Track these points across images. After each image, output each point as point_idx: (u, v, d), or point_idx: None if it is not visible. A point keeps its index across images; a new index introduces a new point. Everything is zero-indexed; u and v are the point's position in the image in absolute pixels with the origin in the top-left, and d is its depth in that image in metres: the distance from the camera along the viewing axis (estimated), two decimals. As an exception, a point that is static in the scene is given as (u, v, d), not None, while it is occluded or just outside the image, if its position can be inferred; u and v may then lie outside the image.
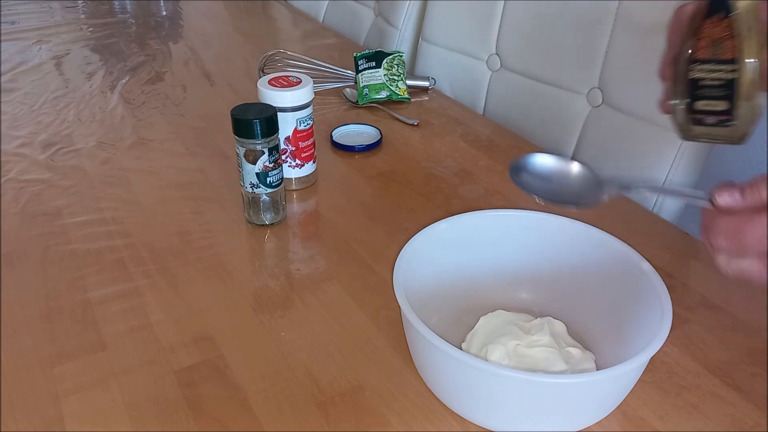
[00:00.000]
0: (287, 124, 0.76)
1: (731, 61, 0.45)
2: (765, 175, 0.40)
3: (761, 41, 0.44)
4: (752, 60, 0.44)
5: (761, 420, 0.50)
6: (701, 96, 0.47)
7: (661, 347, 0.45)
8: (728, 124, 0.47)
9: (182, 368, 0.54)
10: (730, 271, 0.42)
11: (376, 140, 0.90)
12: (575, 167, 0.49)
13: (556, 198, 0.48)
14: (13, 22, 1.42)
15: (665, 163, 0.87)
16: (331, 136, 0.91)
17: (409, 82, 1.06)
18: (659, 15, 0.86)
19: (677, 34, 0.48)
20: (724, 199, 0.41)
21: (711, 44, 0.46)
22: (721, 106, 0.47)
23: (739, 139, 0.47)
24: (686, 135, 0.49)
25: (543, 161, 0.49)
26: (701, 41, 0.46)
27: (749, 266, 0.40)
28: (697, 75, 0.47)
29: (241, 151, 0.69)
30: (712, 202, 0.41)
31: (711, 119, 0.48)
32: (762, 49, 0.44)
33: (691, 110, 0.48)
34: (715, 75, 0.46)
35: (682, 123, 0.49)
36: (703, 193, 0.42)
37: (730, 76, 0.46)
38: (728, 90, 0.46)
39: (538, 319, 0.55)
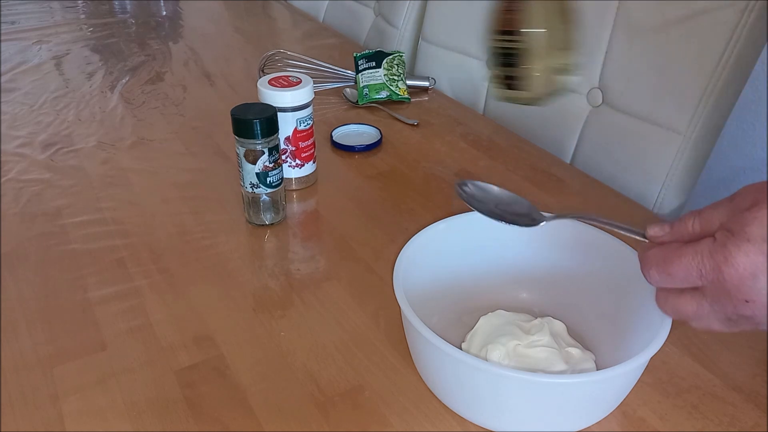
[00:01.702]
0: (287, 124, 0.76)
1: (519, 32, 0.51)
2: (693, 212, 0.41)
3: (549, 13, 0.46)
4: (538, 30, 0.49)
5: (761, 420, 0.50)
6: (502, 63, 0.53)
7: (661, 347, 0.45)
8: (524, 88, 0.53)
9: (182, 368, 0.54)
10: (668, 310, 0.43)
11: (376, 140, 0.90)
12: (515, 197, 0.52)
13: (497, 215, 0.50)
14: (13, 22, 1.42)
15: (665, 163, 0.87)
16: (331, 136, 0.91)
17: (409, 82, 1.06)
18: (659, 15, 0.86)
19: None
20: (654, 230, 0.43)
21: (507, 16, 0.51)
22: (515, 72, 0.53)
23: (537, 101, 0.52)
24: (497, 98, 0.52)
25: (487, 186, 0.52)
26: (502, 14, 0.51)
27: (684, 304, 0.41)
28: (497, 45, 0.53)
29: (241, 151, 0.69)
30: (644, 235, 0.44)
31: (510, 83, 0.54)
32: (552, 19, 0.48)
33: (496, 76, 0.54)
34: (509, 45, 0.52)
35: (492, 88, 0.52)
36: (638, 229, 0.45)
37: (521, 45, 0.52)
38: (521, 58, 0.52)
39: (538, 319, 0.55)
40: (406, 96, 1.04)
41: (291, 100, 0.75)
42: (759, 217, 0.37)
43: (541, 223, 0.50)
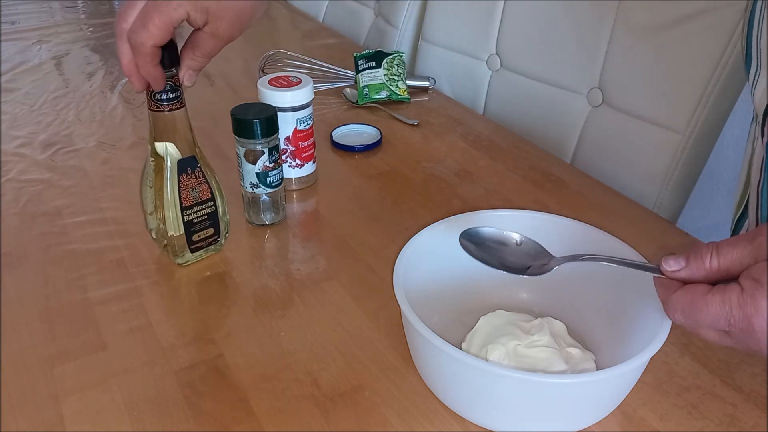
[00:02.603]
0: (287, 124, 0.76)
1: (210, 199, 0.64)
2: (710, 245, 0.42)
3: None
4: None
5: (761, 420, 0.50)
6: (195, 231, 0.64)
7: (661, 347, 0.45)
8: (218, 240, 0.67)
9: (182, 368, 0.54)
10: (688, 329, 0.43)
11: (376, 140, 0.90)
12: (523, 239, 0.51)
13: (506, 266, 0.50)
14: (13, 22, 1.42)
15: (665, 163, 0.87)
16: (331, 136, 0.91)
17: (409, 82, 1.06)
18: (659, 15, 0.86)
19: None
20: (670, 265, 0.43)
21: (191, 192, 0.62)
22: (210, 231, 0.65)
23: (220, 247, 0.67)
24: (180, 262, 0.65)
25: (490, 233, 0.51)
26: (184, 192, 0.62)
27: (705, 333, 0.42)
28: (189, 218, 0.63)
29: (241, 151, 0.69)
30: (660, 269, 0.44)
31: (205, 243, 0.66)
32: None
33: (189, 242, 0.64)
34: (201, 213, 0.64)
35: (178, 251, 0.64)
36: (653, 264, 0.45)
37: (210, 210, 0.64)
38: (212, 219, 0.65)
39: (538, 319, 0.55)
40: (406, 96, 1.04)
41: (291, 100, 0.75)
42: None
43: (554, 269, 0.49)
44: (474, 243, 0.51)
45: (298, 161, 0.78)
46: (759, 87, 0.57)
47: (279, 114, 0.71)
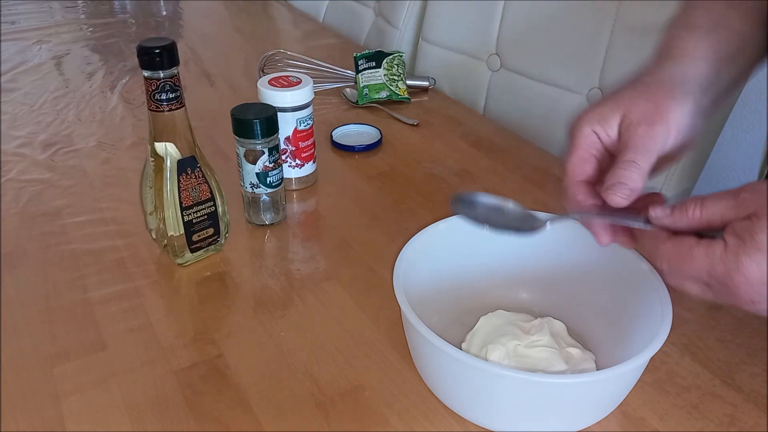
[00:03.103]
0: (287, 124, 0.76)
1: (210, 199, 0.64)
2: (696, 198, 0.42)
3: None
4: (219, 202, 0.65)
5: (761, 420, 0.50)
6: (195, 231, 0.64)
7: (661, 347, 0.45)
8: (217, 240, 0.67)
9: (182, 368, 0.54)
10: (672, 284, 0.44)
11: (376, 140, 0.90)
12: (511, 203, 0.50)
13: (498, 226, 0.49)
14: (13, 22, 1.42)
15: (665, 163, 0.87)
16: (331, 136, 0.91)
17: (409, 82, 1.06)
18: (659, 15, 0.86)
19: None
20: (657, 212, 0.43)
21: (191, 192, 0.62)
22: (210, 231, 0.65)
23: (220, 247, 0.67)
24: (180, 262, 0.65)
25: (483, 198, 0.51)
26: (183, 192, 0.62)
27: (690, 287, 0.42)
28: (189, 218, 0.63)
29: (241, 151, 0.69)
30: (645, 221, 0.44)
31: (205, 243, 0.66)
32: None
33: (189, 242, 0.64)
34: (201, 213, 0.64)
35: (178, 251, 0.64)
36: (639, 217, 0.45)
37: (210, 210, 0.64)
38: (212, 219, 0.65)
39: (538, 319, 0.55)
40: (406, 96, 1.04)
41: (291, 100, 0.75)
42: None
43: (546, 226, 0.49)
44: (466, 205, 0.50)
45: (298, 161, 0.78)
46: None
47: (279, 114, 0.71)
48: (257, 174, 0.69)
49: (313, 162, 0.80)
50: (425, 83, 1.08)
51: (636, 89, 0.47)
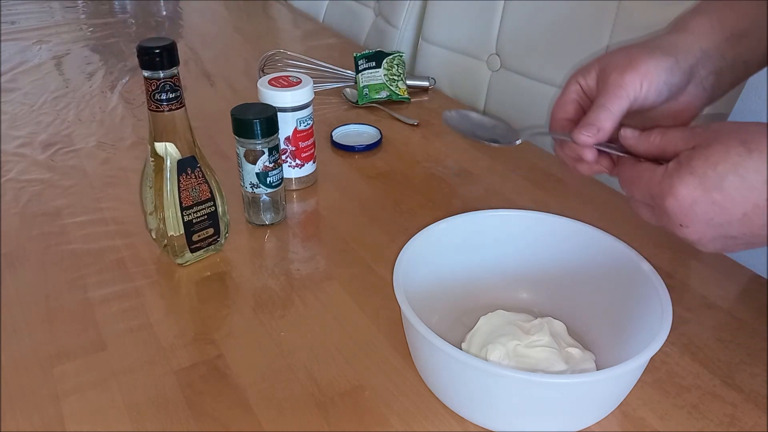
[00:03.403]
0: (287, 124, 0.76)
1: (210, 199, 0.64)
2: (662, 128, 0.46)
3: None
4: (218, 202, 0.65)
5: (761, 420, 0.50)
6: (195, 231, 0.64)
7: (661, 347, 0.44)
8: (217, 240, 0.67)
9: (182, 368, 0.54)
10: (634, 210, 0.49)
11: (376, 140, 0.90)
12: (495, 118, 0.57)
13: (481, 136, 0.54)
14: (13, 22, 1.42)
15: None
16: (331, 136, 0.91)
17: (409, 82, 1.06)
18: (659, 15, 0.86)
19: None
20: (626, 132, 0.48)
21: (191, 192, 0.62)
22: (210, 231, 0.66)
23: (219, 246, 0.68)
24: (180, 262, 0.65)
25: (470, 114, 0.56)
26: (183, 192, 0.62)
27: (642, 211, 0.47)
28: (189, 218, 0.63)
29: (241, 151, 0.69)
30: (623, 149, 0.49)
31: (205, 243, 0.66)
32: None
33: (189, 242, 0.64)
34: (201, 213, 0.64)
35: (178, 251, 0.64)
36: (615, 145, 0.49)
37: (210, 210, 0.65)
38: (212, 219, 0.65)
39: (538, 319, 0.55)
40: (406, 96, 1.04)
41: (291, 100, 0.75)
42: (706, 155, 0.41)
43: (517, 141, 0.54)
44: (456, 118, 0.56)
45: (298, 161, 0.78)
46: None
47: (279, 114, 0.71)
48: (257, 174, 0.69)
49: (313, 162, 0.80)
50: (425, 83, 1.08)
51: (620, 49, 0.51)
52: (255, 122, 0.66)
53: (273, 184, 0.71)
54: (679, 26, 0.52)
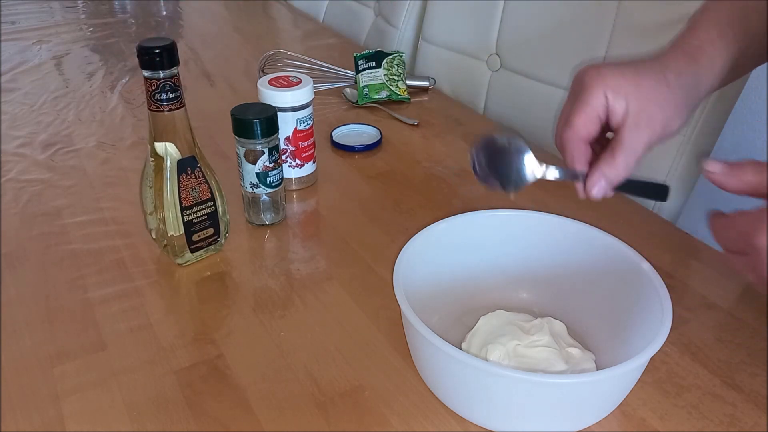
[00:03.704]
0: (287, 124, 0.76)
1: (210, 199, 0.64)
2: (757, 163, 0.42)
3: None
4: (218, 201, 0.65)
5: (761, 420, 0.50)
6: (195, 231, 0.64)
7: (661, 347, 0.45)
8: (217, 240, 0.66)
9: (182, 368, 0.54)
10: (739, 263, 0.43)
11: (376, 140, 0.90)
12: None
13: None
14: (13, 22, 1.42)
15: (665, 163, 0.87)
16: (331, 136, 0.91)
17: (409, 82, 1.06)
18: (659, 15, 0.86)
19: None
20: (713, 166, 0.43)
21: (191, 192, 0.62)
22: (210, 231, 0.65)
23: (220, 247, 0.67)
24: (180, 262, 0.65)
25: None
26: (183, 192, 0.61)
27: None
28: (189, 218, 0.63)
29: (241, 151, 0.69)
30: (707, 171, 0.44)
31: (205, 243, 0.65)
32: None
33: (189, 242, 0.64)
34: (201, 213, 0.64)
35: (178, 251, 0.64)
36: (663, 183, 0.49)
37: (210, 210, 0.64)
38: (212, 219, 0.65)
39: (538, 319, 0.55)
40: (406, 96, 1.04)
41: (291, 100, 0.75)
42: None
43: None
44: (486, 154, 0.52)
45: (298, 161, 0.78)
46: None
47: (279, 114, 0.71)
48: (257, 174, 0.69)
49: (313, 162, 0.80)
50: (425, 83, 1.08)
51: (657, 86, 0.48)
52: (255, 122, 0.66)
53: (273, 184, 0.71)
54: (702, 54, 0.50)
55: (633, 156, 0.48)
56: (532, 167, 0.51)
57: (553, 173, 0.51)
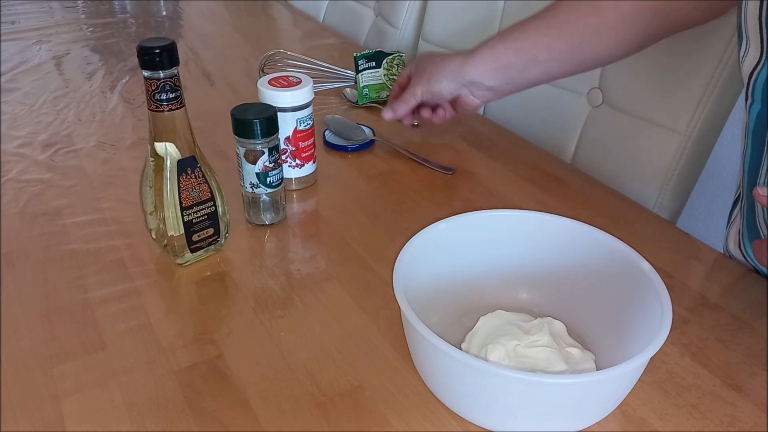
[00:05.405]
0: (287, 124, 0.76)
1: (210, 199, 0.64)
2: None
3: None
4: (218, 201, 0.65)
5: (761, 420, 0.50)
6: (195, 231, 0.64)
7: (661, 347, 0.45)
8: (217, 240, 0.67)
9: (182, 368, 0.54)
10: None
11: (369, 140, 0.90)
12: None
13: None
14: (13, 22, 1.42)
15: (665, 162, 0.87)
16: (324, 136, 0.91)
17: (409, 82, 1.06)
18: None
19: None
20: (765, 190, 0.47)
21: (191, 192, 0.62)
22: (210, 231, 0.66)
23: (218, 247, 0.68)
24: (180, 262, 0.65)
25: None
26: (183, 192, 0.62)
27: None
28: (189, 218, 0.63)
29: (241, 151, 0.69)
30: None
31: (205, 243, 0.66)
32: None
33: (189, 242, 0.64)
34: (201, 213, 0.64)
35: (178, 251, 0.64)
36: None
37: (210, 210, 0.65)
38: (212, 219, 0.65)
39: (538, 319, 0.55)
40: (406, 96, 1.03)
41: (291, 100, 0.75)
42: None
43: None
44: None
45: (298, 161, 0.78)
46: (747, 59, 0.60)
47: (279, 114, 0.71)
48: (257, 174, 0.69)
49: (313, 162, 0.80)
50: (425, 83, 1.08)
51: (434, 62, 0.83)
52: (255, 122, 0.66)
53: (273, 184, 0.71)
54: (470, 54, 0.80)
55: (411, 95, 0.83)
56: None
57: None
